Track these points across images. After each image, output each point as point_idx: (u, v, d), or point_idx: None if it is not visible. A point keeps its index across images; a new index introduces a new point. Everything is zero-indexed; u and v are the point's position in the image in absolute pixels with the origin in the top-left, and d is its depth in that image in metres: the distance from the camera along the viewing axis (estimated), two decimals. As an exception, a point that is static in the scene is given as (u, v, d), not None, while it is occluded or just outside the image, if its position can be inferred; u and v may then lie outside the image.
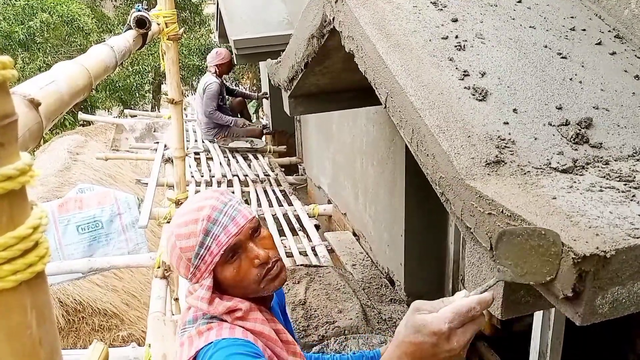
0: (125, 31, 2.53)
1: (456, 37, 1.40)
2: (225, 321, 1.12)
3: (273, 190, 5.27)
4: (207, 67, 6.42)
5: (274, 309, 1.28)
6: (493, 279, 0.84)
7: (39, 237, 0.44)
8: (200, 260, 1.10)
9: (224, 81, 6.68)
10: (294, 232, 4.30)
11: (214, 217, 1.09)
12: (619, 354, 2.99)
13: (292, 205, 4.81)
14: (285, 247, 3.99)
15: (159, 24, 3.38)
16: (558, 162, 1.05)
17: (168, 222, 4.19)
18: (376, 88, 1.36)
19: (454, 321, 0.77)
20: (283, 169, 6.10)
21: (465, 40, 1.39)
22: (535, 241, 0.81)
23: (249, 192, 5.16)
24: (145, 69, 12.79)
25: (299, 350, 1.24)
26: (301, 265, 3.38)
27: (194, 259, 1.10)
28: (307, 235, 4.19)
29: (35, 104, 0.87)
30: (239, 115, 6.91)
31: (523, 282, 0.84)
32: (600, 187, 0.97)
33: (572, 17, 1.61)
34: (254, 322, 1.13)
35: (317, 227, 4.36)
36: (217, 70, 6.22)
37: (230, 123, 6.36)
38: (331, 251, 3.96)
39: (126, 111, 10.23)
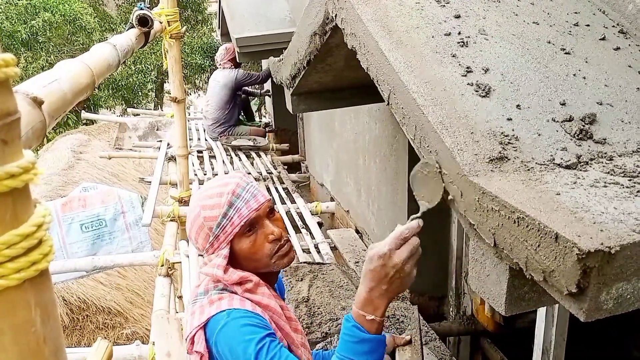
0: (127, 30, 2.53)
1: (459, 33, 1.39)
2: (236, 293, 1.22)
3: (276, 188, 5.26)
4: (218, 65, 6.46)
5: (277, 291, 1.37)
6: (420, 212, 1.09)
7: (42, 234, 0.44)
8: (221, 230, 1.21)
9: None
10: (296, 229, 4.30)
11: (238, 192, 1.22)
12: (623, 350, 2.99)
13: (295, 202, 4.81)
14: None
15: (161, 23, 3.39)
16: (562, 158, 1.04)
17: (172, 220, 4.20)
18: (379, 85, 1.35)
19: (392, 244, 1.03)
20: (286, 167, 6.10)
21: (468, 37, 1.38)
22: (426, 170, 1.05)
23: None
24: (148, 68, 12.80)
25: (300, 328, 1.35)
26: (304, 262, 3.38)
27: (215, 229, 1.21)
28: (310, 233, 4.18)
29: (38, 103, 0.87)
30: (242, 113, 6.91)
31: (432, 206, 1.07)
32: (605, 182, 0.96)
33: (575, 13, 1.60)
34: (262, 296, 1.24)
35: (320, 224, 4.36)
36: (233, 64, 6.33)
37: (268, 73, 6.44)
38: (334, 248, 3.95)
39: (129, 110, 10.26)
